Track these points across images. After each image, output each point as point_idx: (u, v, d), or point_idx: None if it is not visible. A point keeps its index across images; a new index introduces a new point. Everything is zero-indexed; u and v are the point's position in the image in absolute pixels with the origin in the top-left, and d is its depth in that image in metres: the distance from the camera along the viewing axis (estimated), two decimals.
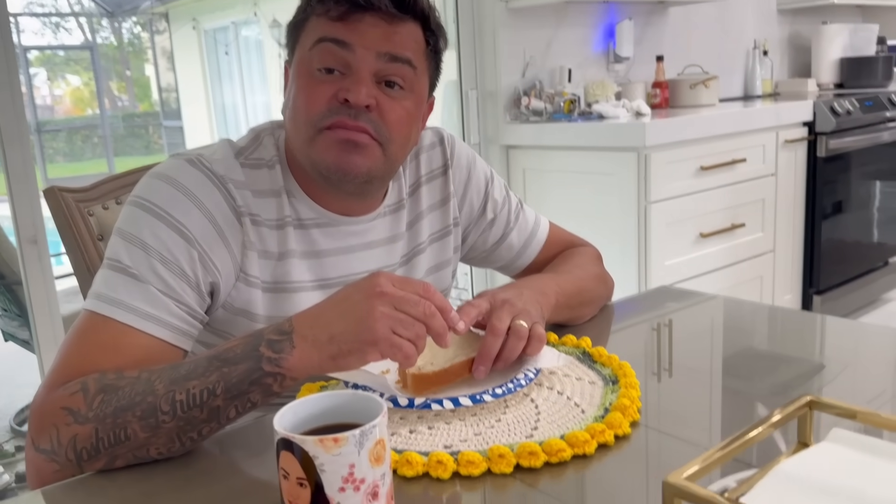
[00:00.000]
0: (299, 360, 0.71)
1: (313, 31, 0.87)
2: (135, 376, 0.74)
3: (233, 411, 0.72)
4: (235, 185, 0.88)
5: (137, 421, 0.70)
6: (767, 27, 3.58)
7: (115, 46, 11.21)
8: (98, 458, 0.71)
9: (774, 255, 2.81)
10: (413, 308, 0.72)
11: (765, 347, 1.02)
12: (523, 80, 2.67)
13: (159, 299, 0.80)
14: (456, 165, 1.07)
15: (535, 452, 0.68)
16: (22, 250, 1.91)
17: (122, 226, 0.84)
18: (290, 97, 0.89)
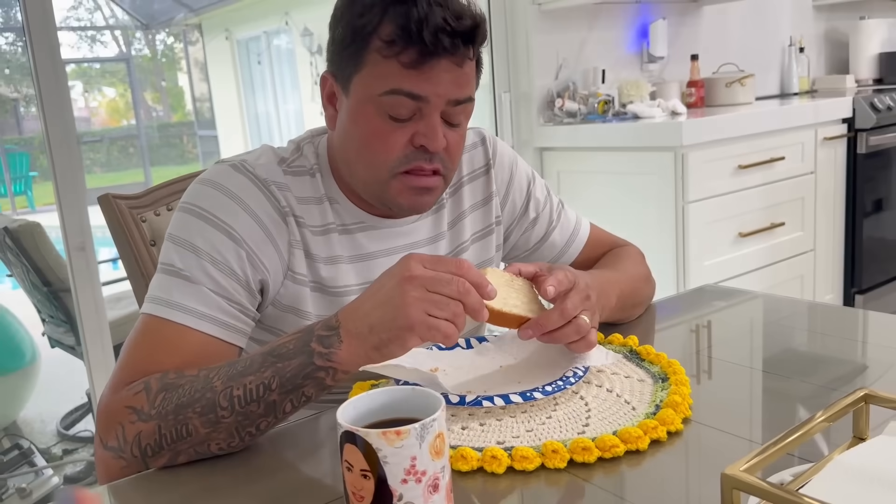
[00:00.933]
0: (347, 353, 0.73)
1: (382, 76, 0.84)
2: (194, 374, 0.77)
3: (288, 405, 0.74)
4: (278, 187, 0.91)
5: (198, 417, 0.73)
6: (803, 23, 3.53)
7: (149, 58, 11.41)
8: (161, 454, 0.74)
9: (815, 253, 2.77)
10: (446, 287, 0.72)
11: (810, 345, 1.01)
12: (556, 82, 2.67)
13: (212, 299, 0.84)
14: (498, 165, 1.08)
15: (589, 448, 0.69)
16: (70, 258, 1.96)
17: (173, 231, 0.87)
18: (355, 133, 0.88)
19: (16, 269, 2.88)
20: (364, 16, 0.84)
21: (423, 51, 0.82)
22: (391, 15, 0.82)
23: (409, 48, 0.82)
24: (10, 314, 3.05)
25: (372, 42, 0.84)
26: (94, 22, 10.74)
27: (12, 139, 10.55)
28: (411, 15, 0.81)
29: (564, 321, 0.82)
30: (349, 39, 0.85)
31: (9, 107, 10.72)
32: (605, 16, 2.79)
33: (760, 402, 0.83)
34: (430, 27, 0.81)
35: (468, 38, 0.84)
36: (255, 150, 0.96)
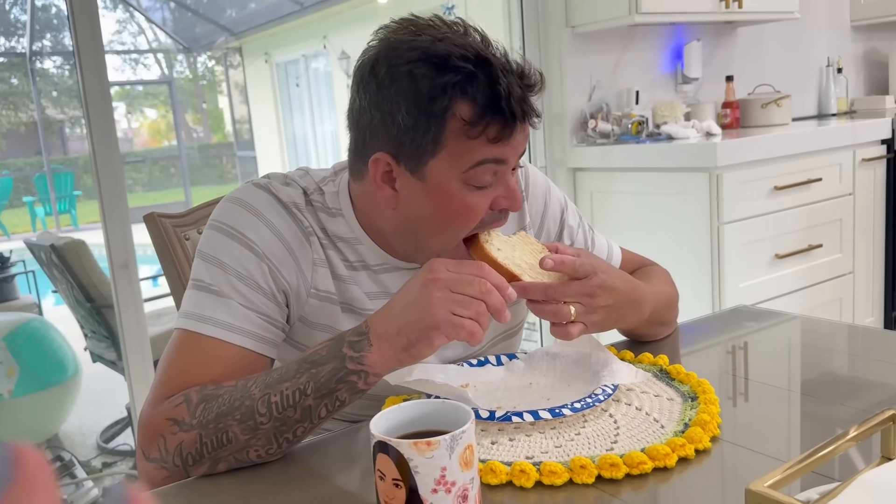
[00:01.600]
0: (378, 356, 0.75)
1: (468, 153, 0.82)
2: (233, 384, 0.79)
3: (323, 410, 0.76)
4: (300, 210, 0.91)
5: (237, 424, 0.76)
6: (841, 44, 3.50)
7: (190, 80, 11.69)
8: (202, 463, 0.77)
9: (854, 276, 2.73)
10: (469, 288, 0.74)
11: (848, 367, 1.01)
12: (590, 104, 2.69)
13: (242, 312, 0.86)
14: (532, 196, 1.07)
15: (617, 464, 0.70)
16: (114, 275, 2.02)
17: (202, 248, 0.90)
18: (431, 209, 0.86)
19: (61, 286, 2.97)
20: (437, 100, 0.80)
21: (507, 122, 0.81)
22: (471, 94, 0.80)
23: (494, 122, 0.80)
24: (55, 329, 3.14)
25: (450, 123, 0.81)
26: (138, 45, 11.05)
27: (58, 159, 10.86)
28: (498, 92, 0.79)
29: (546, 298, 0.84)
30: (423, 125, 0.81)
31: (55, 128, 11.05)
32: (639, 37, 2.80)
33: (792, 423, 0.83)
34: (515, 100, 0.80)
35: (536, 94, 0.84)
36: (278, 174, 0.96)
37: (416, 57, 0.80)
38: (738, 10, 2.63)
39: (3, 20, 9.39)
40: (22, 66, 9.54)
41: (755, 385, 0.93)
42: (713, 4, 2.59)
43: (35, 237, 3.06)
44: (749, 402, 0.89)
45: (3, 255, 4.01)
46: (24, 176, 10.58)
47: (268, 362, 0.89)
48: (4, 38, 9.75)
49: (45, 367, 2.97)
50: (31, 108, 10.20)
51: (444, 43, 0.80)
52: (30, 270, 4.33)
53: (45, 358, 2.99)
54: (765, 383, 0.93)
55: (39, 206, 9.97)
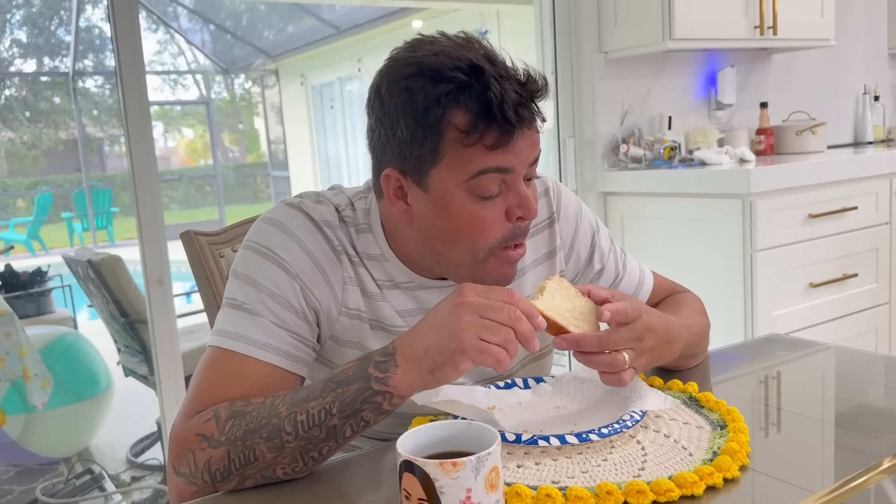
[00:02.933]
0: (403, 377, 0.76)
1: (467, 163, 0.82)
2: (261, 402, 0.80)
3: (348, 430, 0.77)
4: (332, 228, 0.92)
5: (264, 442, 0.76)
6: (878, 71, 3.47)
7: (228, 101, 11.91)
8: (230, 479, 0.78)
9: (890, 307, 2.68)
10: (498, 314, 0.74)
11: (882, 400, 0.99)
12: (622, 128, 2.69)
13: (273, 330, 0.87)
14: (563, 217, 1.06)
15: (644, 491, 0.69)
16: (149, 290, 2.05)
17: (236, 267, 0.91)
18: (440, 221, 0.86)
19: (96, 300, 3.02)
20: (431, 110, 0.81)
21: (504, 129, 0.81)
22: (463, 103, 0.80)
23: (490, 130, 0.80)
24: (88, 343, 3.19)
25: (447, 133, 0.81)
26: (177, 66, 11.30)
27: (96, 176, 11.10)
28: (489, 98, 0.79)
29: (601, 349, 0.83)
30: (420, 136, 0.82)
31: (94, 146, 11.31)
32: (672, 63, 2.80)
33: (824, 454, 0.82)
34: (510, 106, 0.79)
35: (539, 99, 0.84)
36: (311, 192, 0.98)
37: (412, 72, 0.82)
38: (774, 38, 2.62)
39: (48, 41, 9.68)
40: (64, 86, 9.81)
41: (787, 415, 0.91)
42: (748, 31, 2.58)
43: (73, 252, 3.12)
44: (780, 433, 0.87)
45: (41, 269, 4.10)
46: (64, 192, 10.83)
47: (298, 380, 0.89)
48: (49, 58, 10.04)
49: (78, 380, 3.02)
50: (72, 126, 10.47)
51: (438, 56, 0.81)
52: (66, 285, 4.41)
53: (78, 371, 3.04)
54: (797, 413, 0.91)
55: (77, 221, 10.19)
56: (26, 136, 10.45)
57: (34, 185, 10.81)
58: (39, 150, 10.93)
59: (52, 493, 2.75)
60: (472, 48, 0.83)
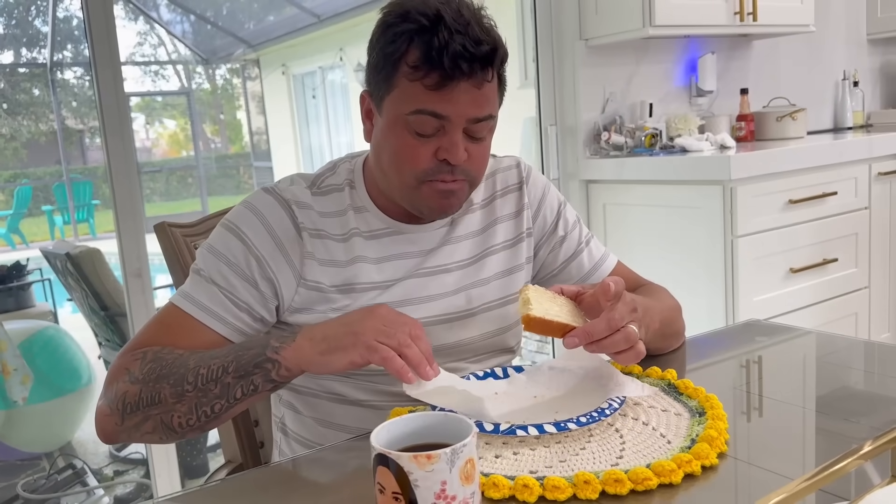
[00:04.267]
0: (294, 352, 0.84)
1: (409, 98, 0.93)
2: (180, 353, 0.89)
3: (239, 391, 0.84)
4: (300, 206, 1.01)
5: (169, 388, 0.85)
6: (858, 57, 3.48)
7: (209, 92, 11.79)
8: (136, 414, 0.87)
9: (870, 291, 2.70)
10: (400, 329, 0.83)
11: (860, 384, 0.99)
12: (603, 116, 2.68)
13: (220, 299, 0.96)
14: (532, 184, 1.16)
15: (621, 480, 0.69)
16: (127, 283, 2.03)
17: (208, 241, 1.02)
18: (386, 147, 0.98)
19: (76, 294, 2.99)
20: (394, 43, 0.92)
21: (444, 75, 0.90)
22: (417, 43, 0.91)
23: (432, 72, 0.91)
24: (69, 337, 3.16)
25: (400, 67, 0.93)
26: (158, 57, 11.17)
27: (77, 168, 10.98)
28: (433, 43, 0.89)
29: (612, 330, 0.84)
30: (381, 64, 0.95)
31: (74, 138, 11.17)
32: (653, 50, 2.80)
33: (803, 440, 0.82)
34: (449, 54, 0.89)
35: (486, 62, 0.92)
36: (290, 176, 1.08)
37: (391, 10, 0.94)
38: (753, 24, 2.62)
39: (26, 31, 9.53)
40: (43, 77, 9.67)
41: (766, 401, 0.92)
42: (728, 17, 2.58)
43: (51, 245, 3.09)
44: (759, 419, 0.88)
45: (19, 262, 4.04)
46: (44, 185, 10.70)
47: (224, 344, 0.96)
48: (27, 49, 9.89)
49: (59, 374, 2.99)
50: (52, 118, 10.33)
51: (416, 3, 0.92)
52: (46, 279, 4.36)
53: (59, 365, 3.01)
54: (776, 399, 0.92)
55: (58, 214, 10.07)
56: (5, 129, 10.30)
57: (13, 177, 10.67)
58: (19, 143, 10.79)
59: (34, 488, 2.73)
60: (451, 2, 0.92)
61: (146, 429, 0.86)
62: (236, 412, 0.86)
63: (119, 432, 0.89)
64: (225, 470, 1.16)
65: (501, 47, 0.94)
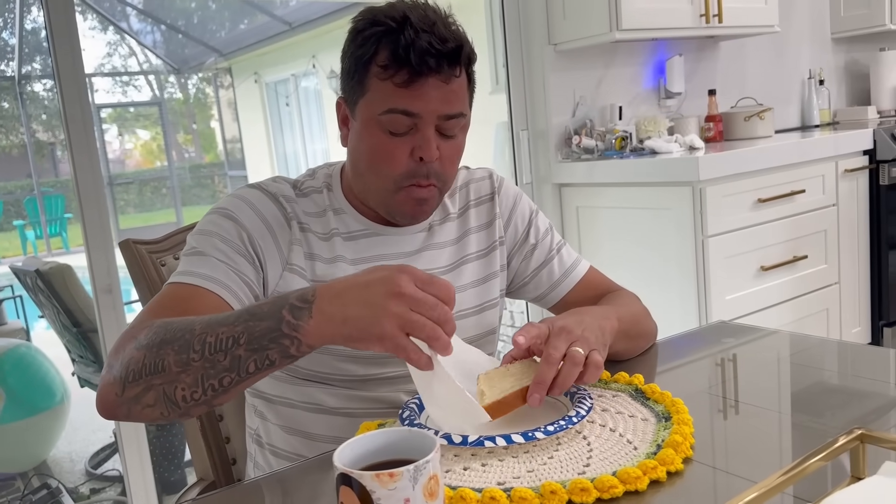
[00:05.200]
0: (315, 329, 0.76)
1: (381, 98, 0.96)
2: (187, 318, 0.83)
3: (252, 365, 0.77)
4: (287, 200, 1.04)
5: (174, 354, 0.78)
6: (823, 56, 3.54)
7: (181, 101, 11.69)
8: (138, 383, 0.80)
9: (840, 286, 2.74)
10: (430, 311, 0.75)
11: (826, 385, 1.01)
12: (574, 120, 2.70)
13: (218, 266, 0.95)
14: (503, 194, 1.19)
15: (587, 489, 0.70)
16: (97, 299, 2.01)
17: (194, 230, 1.01)
18: (363, 149, 1.00)
19: (47, 311, 2.95)
20: (364, 46, 0.96)
21: (412, 71, 0.93)
22: (385, 43, 0.94)
23: (401, 70, 0.93)
24: (42, 355, 3.12)
25: (371, 68, 0.96)
26: (129, 67, 11.06)
27: (49, 182, 10.83)
28: (400, 41, 0.92)
29: (554, 366, 0.84)
30: (353, 68, 0.98)
31: (45, 151, 11.03)
32: (621, 53, 2.82)
33: (767, 442, 0.83)
34: (416, 51, 0.92)
35: (453, 58, 0.95)
36: (271, 177, 1.10)
37: (361, 17, 0.98)
38: (719, 25, 2.65)
39: None
40: (11, 90, 9.54)
41: (732, 404, 0.93)
42: (694, 19, 2.61)
43: (21, 262, 3.05)
44: (725, 422, 0.89)
45: None
46: (15, 199, 10.55)
47: None
48: None
49: (32, 393, 2.94)
50: (21, 131, 10.19)
51: (385, 7, 0.96)
52: (17, 295, 4.31)
53: (32, 384, 2.97)
54: (742, 402, 0.93)
55: (30, 229, 9.93)
56: None
57: None
58: None
59: None
60: (417, 6, 0.96)
61: (147, 400, 0.79)
62: (247, 386, 0.80)
63: (119, 404, 0.80)
64: (197, 488, 1.15)
65: (467, 45, 0.97)
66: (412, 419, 0.85)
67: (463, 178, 1.17)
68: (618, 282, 1.22)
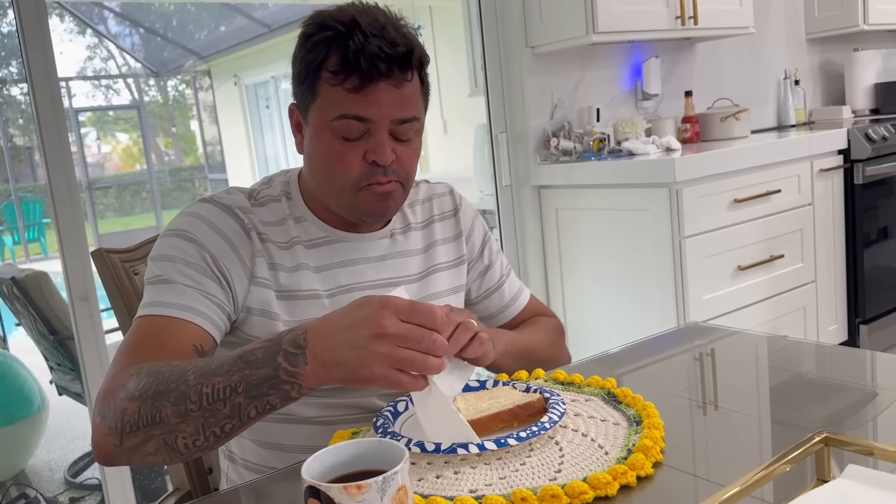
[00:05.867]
0: (312, 374, 0.76)
1: (331, 102, 0.95)
2: (176, 365, 0.81)
3: (253, 410, 0.77)
4: (243, 211, 1.02)
5: (171, 406, 0.77)
6: (798, 57, 3.57)
7: (161, 104, 11.61)
8: (137, 434, 0.79)
9: (816, 285, 2.77)
10: (417, 344, 0.74)
11: (792, 386, 1.02)
12: (552, 122, 2.71)
13: (187, 292, 0.93)
14: (464, 212, 1.20)
15: (558, 495, 0.70)
16: (73, 307, 1.99)
17: (153, 254, 0.99)
18: (317, 155, 1.00)
19: (23, 319, 2.92)
20: (313, 51, 0.95)
21: (363, 76, 0.93)
22: (334, 48, 0.94)
23: (352, 76, 0.93)
24: (19, 363, 3.08)
25: (321, 74, 0.95)
26: (108, 70, 10.96)
27: (27, 186, 10.71)
28: (350, 46, 0.92)
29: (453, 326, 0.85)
30: (304, 74, 0.97)
31: (23, 156, 10.91)
32: (598, 56, 2.83)
33: (738, 445, 0.84)
34: (366, 56, 0.92)
35: (404, 62, 0.94)
36: (224, 189, 1.07)
37: (310, 22, 0.97)
38: (695, 27, 2.67)
39: None
40: None
41: (703, 406, 0.93)
42: (670, 21, 2.63)
43: None
44: (696, 425, 0.89)
45: None
46: None
47: (210, 340, 0.94)
48: None
49: (9, 401, 2.91)
50: None
51: (333, 12, 0.95)
52: None
53: (9, 392, 2.93)
54: (713, 404, 0.93)
55: (8, 235, 9.81)
56: None
57: None
58: None
59: None
60: (367, 10, 0.95)
61: (148, 450, 0.79)
62: (248, 427, 0.79)
63: (118, 454, 0.81)
64: (173, 497, 1.14)
65: (419, 48, 0.96)
66: (386, 427, 0.85)
67: (424, 191, 1.18)
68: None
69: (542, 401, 0.88)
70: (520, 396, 0.90)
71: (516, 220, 2.75)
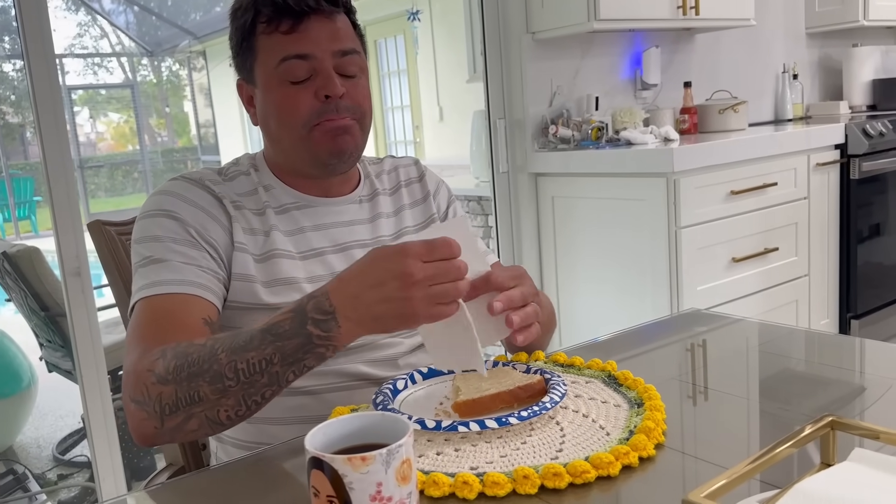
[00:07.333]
0: (346, 333, 0.79)
1: (271, 50, 0.99)
2: (202, 345, 0.82)
3: (291, 375, 0.80)
4: (213, 183, 1.04)
5: (208, 385, 0.79)
6: (797, 51, 3.57)
7: (154, 84, 11.52)
8: (178, 414, 0.81)
9: (810, 278, 2.78)
10: (446, 276, 0.77)
11: (797, 373, 1.02)
12: (550, 109, 2.70)
13: (184, 268, 0.95)
14: (428, 178, 1.24)
15: (560, 474, 0.70)
16: (66, 283, 1.97)
17: (135, 236, 0.99)
18: (269, 108, 1.02)
19: (14, 294, 2.90)
20: (244, 16, 1.00)
21: (294, 14, 0.97)
22: (261, 2, 0.99)
23: (284, 18, 0.98)
24: (8, 338, 3.06)
25: (256, 29, 1.00)
26: (101, 49, 10.86)
27: (18, 164, 10.63)
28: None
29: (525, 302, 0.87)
30: (241, 39, 1.02)
31: (15, 133, 10.81)
32: (598, 44, 2.82)
33: (740, 429, 0.84)
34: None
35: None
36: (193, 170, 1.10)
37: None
38: (696, 17, 2.66)
39: None
40: None
41: (704, 391, 0.93)
42: (671, 11, 2.62)
43: None
44: (696, 408, 0.89)
45: None
46: None
47: (215, 310, 0.96)
48: None
49: None
50: None
51: None
52: None
53: None
54: (714, 389, 0.93)
55: None
56: None
57: None
58: None
59: None
60: None
61: (191, 426, 0.81)
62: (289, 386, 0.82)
63: (159, 434, 0.83)
64: (166, 473, 1.13)
65: None
66: (385, 404, 0.85)
67: (390, 163, 1.21)
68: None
69: (543, 382, 0.88)
70: (520, 377, 0.89)
71: (512, 208, 2.74)
